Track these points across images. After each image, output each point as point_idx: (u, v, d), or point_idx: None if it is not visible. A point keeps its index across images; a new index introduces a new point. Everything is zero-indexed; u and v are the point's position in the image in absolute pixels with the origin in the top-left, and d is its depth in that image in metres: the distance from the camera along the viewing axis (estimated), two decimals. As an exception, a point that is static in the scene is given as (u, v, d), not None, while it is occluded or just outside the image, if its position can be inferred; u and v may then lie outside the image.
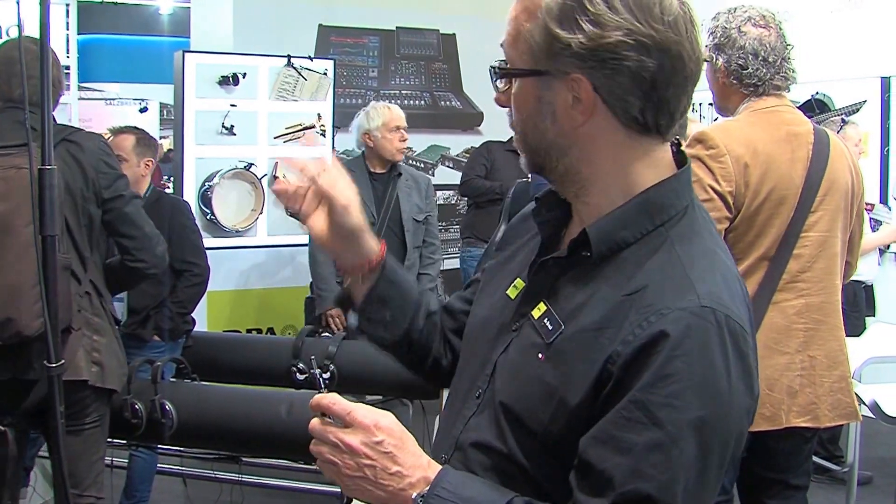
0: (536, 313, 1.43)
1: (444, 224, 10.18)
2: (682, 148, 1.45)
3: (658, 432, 1.24)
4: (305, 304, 6.01)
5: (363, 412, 1.32)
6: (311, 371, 1.32)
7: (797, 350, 2.90)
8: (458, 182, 7.96)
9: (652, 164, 1.40)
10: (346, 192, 1.58)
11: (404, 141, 5.47)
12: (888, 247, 6.27)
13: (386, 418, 1.33)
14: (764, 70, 2.92)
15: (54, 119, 3.43)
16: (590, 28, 1.30)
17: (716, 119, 4.86)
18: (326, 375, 3.89)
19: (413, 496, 1.31)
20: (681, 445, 1.24)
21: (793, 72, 2.99)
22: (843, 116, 5.76)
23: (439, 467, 1.34)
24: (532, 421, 1.36)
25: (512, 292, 1.53)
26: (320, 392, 1.38)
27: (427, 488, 1.31)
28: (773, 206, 2.85)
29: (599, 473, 1.26)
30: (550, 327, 1.38)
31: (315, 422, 1.34)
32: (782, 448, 3.01)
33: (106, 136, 4.08)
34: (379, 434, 1.31)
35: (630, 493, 1.24)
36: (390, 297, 1.69)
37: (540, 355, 1.38)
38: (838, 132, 5.43)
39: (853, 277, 5.50)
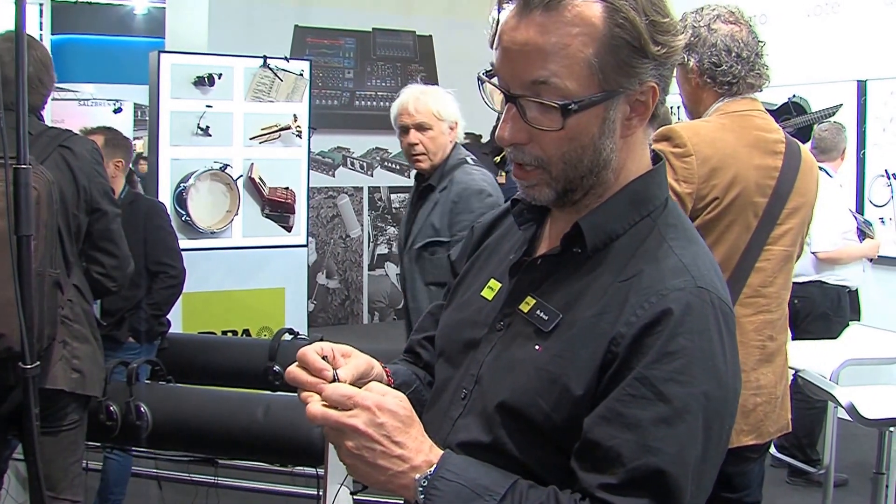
0: (525, 307, 1.44)
1: (420, 226, 10.17)
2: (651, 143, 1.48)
3: (664, 407, 1.26)
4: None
5: (364, 394, 1.29)
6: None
7: (752, 368, 2.79)
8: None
9: (644, 155, 1.46)
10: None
11: (414, 146, 3.98)
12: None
13: (392, 400, 1.30)
14: (738, 67, 2.81)
15: (44, 122, 3.40)
16: (663, 38, 1.35)
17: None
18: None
19: (416, 478, 1.29)
20: (687, 419, 1.27)
21: (766, 68, 2.88)
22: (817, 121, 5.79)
23: (441, 451, 1.33)
24: (533, 411, 1.35)
25: (487, 293, 1.54)
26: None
27: (431, 470, 1.29)
28: (736, 213, 2.74)
29: (607, 451, 1.27)
30: (546, 317, 1.40)
31: (310, 407, 1.30)
32: (733, 471, 2.87)
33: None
34: (381, 416, 1.28)
35: (640, 467, 1.25)
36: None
37: (537, 346, 1.38)
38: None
39: (838, 282, 5.56)
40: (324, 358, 1.39)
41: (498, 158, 7.15)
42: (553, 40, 1.31)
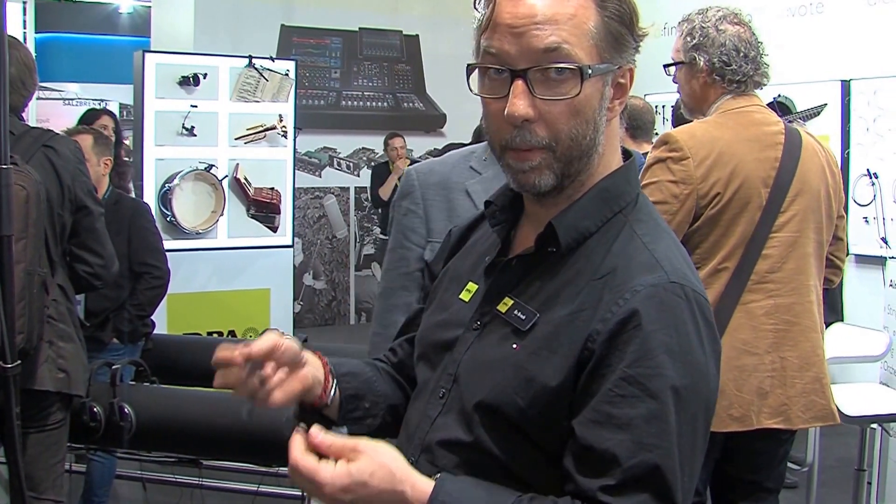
0: (503, 308, 1.45)
1: (406, 226, 10.17)
2: (652, 149, 1.52)
3: (652, 403, 1.28)
4: None
5: (327, 477, 1.28)
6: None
7: (767, 351, 2.87)
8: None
9: (618, 150, 1.50)
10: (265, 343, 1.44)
11: None
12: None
13: (354, 474, 1.28)
14: (747, 66, 2.93)
15: (26, 122, 3.40)
16: (636, 23, 1.41)
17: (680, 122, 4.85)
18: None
19: None
20: (673, 412, 1.29)
21: (767, 66, 3.00)
22: (798, 121, 5.77)
23: (428, 491, 1.30)
24: (510, 409, 1.37)
25: (465, 296, 1.55)
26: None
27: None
28: (739, 207, 2.84)
29: (602, 453, 1.28)
30: (524, 317, 1.41)
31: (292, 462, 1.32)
32: (757, 449, 2.98)
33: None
34: (347, 496, 1.28)
35: (637, 466, 1.27)
36: (356, 388, 1.63)
37: (514, 345, 1.40)
38: None
39: None
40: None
41: None
42: (560, 10, 1.35)
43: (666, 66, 3.06)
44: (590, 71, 1.35)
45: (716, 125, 2.92)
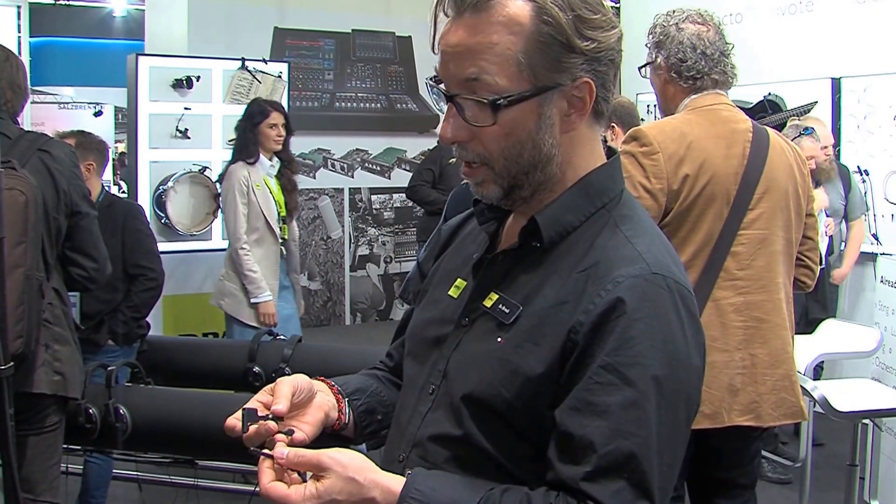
0: (489, 303, 1.47)
1: (400, 227, 10.18)
2: (621, 144, 1.52)
3: (630, 391, 1.30)
4: None
5: (298, 500, 1.32)
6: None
7: (737, 348, 2.88)
8: (414, 185, 7.89)
9: (596, 151, 1.50)
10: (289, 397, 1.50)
11: None
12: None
13: (323, 494, 1.32)
14: (703, 63, 2.94)
15: (21, 126, 3.41)
16: (592, 33, 1.39)
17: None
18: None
19: None
20: (653, 401, 1.31)
21: (733, 68, 3.01)
22: (801, 130, 5.76)
23: (398, 491, 1.33)
24: (497, 401, 1.39)
25: (454, 292, 1.58)
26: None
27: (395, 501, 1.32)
28: (706, 202, 2.84)
29: (579, 440, 1.30)
30: (507, 310, 1.44)
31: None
32: (727, 447, 2.99)
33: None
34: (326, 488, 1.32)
35: (612, 452, 1.29)
36: (367, 404, 1.68)
37: (499, 339, 1.42)
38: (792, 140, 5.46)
39: None
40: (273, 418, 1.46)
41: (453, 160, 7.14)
42: (481, 39, 1.37)
43: (640, 67, 3.09)
44: (503, 101, 1.37)
45: (684, 121, 2.92)
